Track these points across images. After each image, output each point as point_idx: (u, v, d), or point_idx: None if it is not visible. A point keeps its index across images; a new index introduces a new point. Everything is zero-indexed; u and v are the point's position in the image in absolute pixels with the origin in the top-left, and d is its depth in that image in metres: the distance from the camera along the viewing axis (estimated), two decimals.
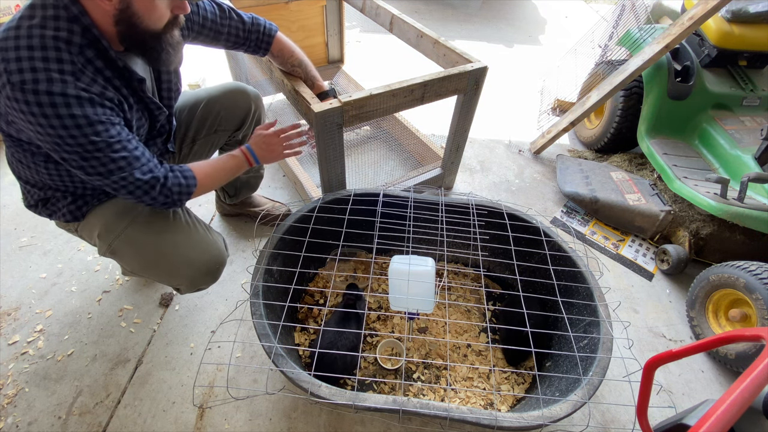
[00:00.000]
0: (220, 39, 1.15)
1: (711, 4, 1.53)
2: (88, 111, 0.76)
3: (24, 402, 1.15)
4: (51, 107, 0.72)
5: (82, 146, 0.77)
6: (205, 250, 1.04)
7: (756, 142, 1.68)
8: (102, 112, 0.78)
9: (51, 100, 0.72)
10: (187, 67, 2.64)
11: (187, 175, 0.95)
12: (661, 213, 1.72)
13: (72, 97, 0.74)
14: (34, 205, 1.01)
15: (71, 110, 0.74)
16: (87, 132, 0.76)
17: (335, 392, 0.88)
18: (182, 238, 1.02)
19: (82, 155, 0.79)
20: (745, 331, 0.65)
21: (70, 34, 0.74)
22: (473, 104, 1.54)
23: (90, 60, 0.78)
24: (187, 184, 0.94)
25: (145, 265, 1.02)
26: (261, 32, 1.20)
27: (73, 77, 0.74)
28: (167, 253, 1.00)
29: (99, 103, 0.78)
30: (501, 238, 1.28)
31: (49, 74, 0.72)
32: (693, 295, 1.49)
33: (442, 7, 3.93)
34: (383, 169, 2.01)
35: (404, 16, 1.66)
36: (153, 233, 0.99)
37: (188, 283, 1.06)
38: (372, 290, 1.48)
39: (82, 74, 0.76)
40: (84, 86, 0.76)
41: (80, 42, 0.76)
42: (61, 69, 0.73)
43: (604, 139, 2.14)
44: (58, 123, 0.74)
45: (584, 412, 1.18)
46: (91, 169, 0.81)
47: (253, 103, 1.30)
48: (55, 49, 0.73)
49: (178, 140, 1.23)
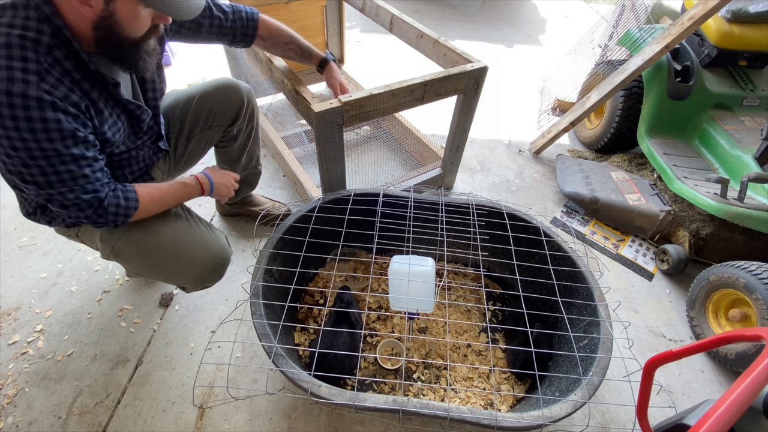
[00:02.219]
0: (201, 31, 1.11)
1: (711, 4, 1.53)
2: (47, 114, 0.73)
3: (24, 402, 1.15)
4: (8, 108, 0.70)
5: (29, 150, 0.74)
6: (208, 248, 1.04)
7: (756, 142, 1.68)
8: (64, 119, 0.75)
9: (9, 100, 0.70)
10: (186, 67, 2.65)
11: (129, 196, 0.91)
12: (661, 213, 1.72)
13: (32, 99, 0.71)
14: (32, 212, 1.00)
15: (29, 113, 0.72)
16: (39, 137, 0.74)
17: (335, 392, 0.88)
18: (185, 237, 1.01)
19: (24, 160, 0.75)
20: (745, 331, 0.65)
21: (38, 34, 0.72)
22: (473, 104, 1.54)
23: (58, 60, 0.75)
24: (127, 206, 0.90)
25: (150, 266, 1.02)
26: (244, 18, 1.17)
27: (37, 77, 0.72)
28: (172, 252, 1.00)
29: (62, 109, 0.75)
30: (501, 238, 1.28)
31: (11, 73, 0.70)
32: (693, 295, 1.49)
33: (442, 7, 3.93)
34: (383, 169, 2.01)
35: (404, 16, 1.66)
36: (155, 234, 0.98)
37: (194, 282, 1.06)
38: (372, 290, 1.48)
39: (48, 74, 0.73)
40: (48, 88, 0.73)
41: (49, 42, 0.73)
42: (24, 68, 0.71)
43: (604, 139, 2.14)
44: (11, 124, 0.71)
45: (584, 412, 1.18)
46: (29, 177, 0.77)
47: (245, 96, 1.29)
48: (20, 48, 0.71)
49: (173, 139, 1.22)
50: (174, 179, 1.07)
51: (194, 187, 1.08)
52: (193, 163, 1.35)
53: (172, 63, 2.69)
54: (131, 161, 1.03)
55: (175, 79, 2.53)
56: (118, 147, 0.95)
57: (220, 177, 1.16)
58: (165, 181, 1.24)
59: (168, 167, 1.26)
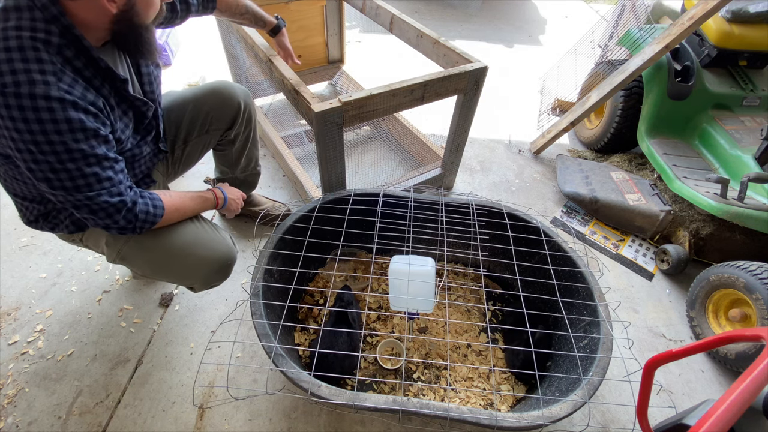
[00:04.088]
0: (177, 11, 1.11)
1: (711, 4, 1.53)
2: (71, 115, 0.73)
3: (24, 402, 1.15)
4: (33, 111, 0.70)
5: (56, 154, 0.74)
6: (215, 249, 1.04)
7: (756, 142, 1.68)
8: (86, 119, 0.75)
9: (33, 104, 0.69)
10: (186, 67, 2.65)
11: (156, 204, 0.92)
12: (661, 213, 1.72)
13: (55, 100, 0.71)
14: (34, 220, 0.99)
15: (54, 114, 0.71)
16: (66, 139, 0.73)
17: (335, 392, 0.88)
18: (191, 238, 1.01)
19: (52, 165, 0.75)
20: (745, 331, 0.65)
21: (47, 35, 0.72)
22: (473, 104, 1.54)
23: (69, 60, 0.75)
24: (155, 213, 0.91)
25: (158, 268, 1.01)
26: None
27: (55, 77, 0.71)
28: (178, 254, 0.99)
29: (82, 108, 0.75)
30: (501, 238, 1.28)
31: (30, 76, 0.69)
32: (693, 295, 1.49)
33: (442, 7, 3.93)
34: (383, 169, 2.01)
35: (404, 16, 1.66)
36: (162, 236, 0.98)
37: (201, 282, 1.06)
38: (372, 290, 1.48)
39: (63, 74, 0.73)
40: (66, 87, 0.73)
41: (58, 42, 0.73)
42: (42, 69, 0.70)
43: (604, 139, 2.14)
44: (38, 128, 0.71)
45: (584, 412, 1.18)
46: (58, 183, 0.77)
47: (242, 101, 1.29)
48: (33, 50, 0.70)
49: (170, 141, 1.22)
50: (193, 190, 1.08)
51: (212, 201, 1.11)
52: (191, 166, 1.35)
53: (172, 63, 2.68)
54: (134, 162, 1.02)
55: (175, 79, 2.53)
56: (125, 146, 0.95)
57: (232, 193, 1.20)
58: (165, 184, 1.24)
59: (166, 169, 1.25)
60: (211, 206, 1.11)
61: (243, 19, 1.35)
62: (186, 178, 1.84)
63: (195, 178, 1.86)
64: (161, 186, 1.19)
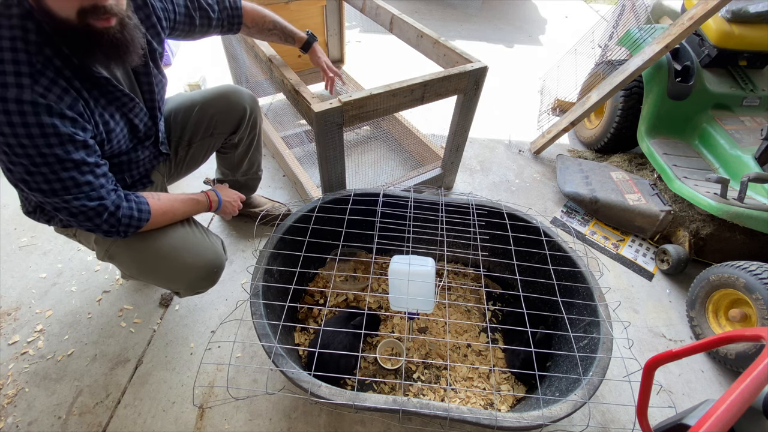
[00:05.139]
0: (195, 24, 1.11)
1: (711, 4, 1.53)
2: (43, 120, 0.71)
3: (24, 402, 1.15)
4: (4, 114, 0.68)
5: (29, 157, 0.72)
6: (202, 255, 1.03)
7: (756, 142, 1.68)
8: (60, 123, 0.73)
9: (4, 107, 0.68)
10: (186, 67, 2.65)
11: (142, 208, 0.91)
12: (661, 213, 1.72)
13: (27, 104, 0.69)
14: (32, 211, 0.99)
15: (25, 118, 0.69)
16: (38, 143, 0.72)
17: (335, 392, 0.88)
18: (180, 242, 1.00)
19: (27, 168, 0.74)
20: (745, 331, 0.65)
21: (24, 32, 0.69)
22: (473, 104, 1.54)
23: (50, 59, 0.72)
24: (139, 217, 0.90)
25: (143, 270, 1.01)
26: (229, 8, 1.17)
27: (30, 79, 0.69)
28: (165, 257, 0.98)
29: (57, 113, 0.73)
30: (501, 238, 1.28)
31: (3, 78, 0.67)
32: (693, 295, 1.49)
33: (442, 7, 3.93)
34: (383, 169, 2.01)
35: (404, 16, 1.66)
36: (150, 238, 0.97)
37: (186, 287, 1.05)
38: (372, 290, 1.48)
39: (41, 76, 0.71)
40: (41, 90, 0.70)
41: (36, 40, 0.70)
42: (17, 71, 0.68)
43: (604, 139, 2.14)
44: (9, 131, 0.69)
45: (584, 412, 1.18)
46: (34, 185, 0.76)
47: (248, 106, 1.29)
48: (11, 51, 0.68)
49: (174, 143, 1.22)
50: (185, 193, 1.07)
51: (204, 204, 1.10)
52: (194, 168, 1.35)
53: (172, 63, 2.69)
54: (131, 165, 1.02)
55: (175, 79, 2.53)
56: (119, 148, 0.94)
57: (228, 195, 1.19)
58: (164, 185, 1.24)
59: (168, 171, 1.25)
60: (204, 209, 1.10)
61: (271, 35, 1.31)
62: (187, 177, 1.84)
63: (195, 178, 1.86)
64: (160, 187, 1.19)
